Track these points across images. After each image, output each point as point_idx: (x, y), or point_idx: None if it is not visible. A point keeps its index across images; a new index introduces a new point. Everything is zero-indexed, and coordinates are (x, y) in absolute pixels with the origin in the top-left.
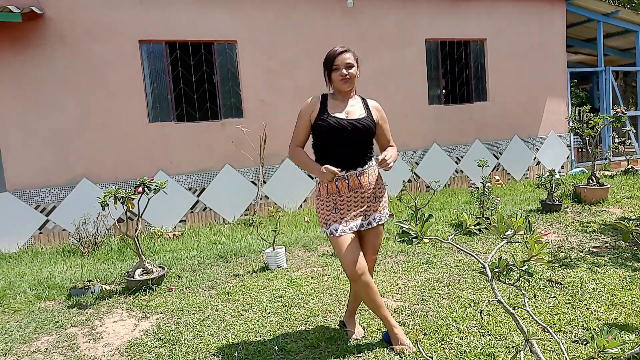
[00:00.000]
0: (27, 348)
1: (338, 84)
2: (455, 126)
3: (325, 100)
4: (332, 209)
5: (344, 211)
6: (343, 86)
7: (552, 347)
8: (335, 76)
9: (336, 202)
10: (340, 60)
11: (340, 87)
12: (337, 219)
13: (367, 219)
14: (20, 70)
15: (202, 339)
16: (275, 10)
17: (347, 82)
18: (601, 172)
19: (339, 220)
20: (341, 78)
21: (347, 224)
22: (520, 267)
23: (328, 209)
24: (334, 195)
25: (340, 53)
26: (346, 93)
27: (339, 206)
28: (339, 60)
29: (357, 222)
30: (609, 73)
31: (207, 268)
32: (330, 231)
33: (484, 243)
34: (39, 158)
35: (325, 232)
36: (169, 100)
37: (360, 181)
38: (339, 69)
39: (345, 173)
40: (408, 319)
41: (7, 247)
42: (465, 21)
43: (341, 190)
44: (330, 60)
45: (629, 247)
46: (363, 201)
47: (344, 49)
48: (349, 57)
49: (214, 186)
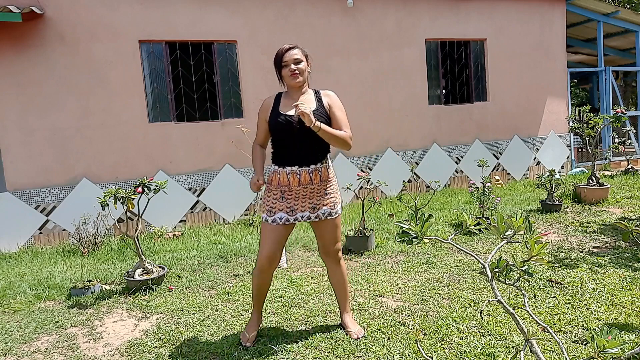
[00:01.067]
0: (27, 348)
1: (288, 79)
2: (455, 126)
3: (279, 99)
4: (279, 197)
5: (291, 201)
6: (293, 81)
7: (552, 347)
8: (285, 72)
9: (284, 192)
10: (289, 57)
11: (291, 82)
12: (284, 207)
13: (315, 212)
14: (20, 70)
15: (202, 339)
16: (275, 10)
17: (296, 77)
18: (601, 172)
19: (285, 210)
20: (290, 73)
21: (293, 214)
22: (520, 267)
23: (275, 197)
24: (284, 187)
25: (287, 50)
26: (298, 89)
27: (286, 196)
28: (287, 57)
29: (304, 214)
30: (609, 73)
31: (207, 268)
32: (274, 219)
33: (484, 243)
34: (39, 158)
35: (263, 217)
36: (169, 100)
37: (312, 178)
38: (287, 65)
39: (298, 168)
40: (408, 319)
41: (7, 247)
42: (465, 21)
43: (292, 183)
44: (278, 57)
45: (629, 247)
46: (312, 196)
47: (291, 46)
48: (296, 52)
49: (214, 186)
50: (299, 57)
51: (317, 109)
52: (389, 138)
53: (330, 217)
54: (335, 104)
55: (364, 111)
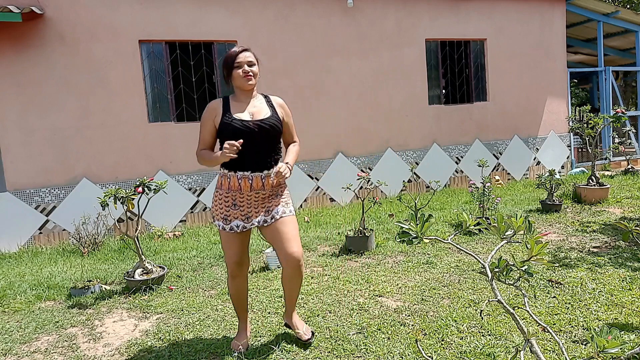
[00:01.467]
0: (27, 348)
1: (241, 81)
2: (455, 126)
3: (228, 102)
4: (231, 205)
5: (244, 208)
6: (246, 84)
7: (552, 347)
8: (236, 73)
9: (235, 198)
10: (242, 58)
11: (244, 84)
12: (239, 215)
13: (269, 214)
14: (20, 70)
15: (202, 339)
16: (275, 10)
17: (249, 79)
18: (601, 172)
19: (240, 217)
20: (244, 75)
21: (248, 221)
22: (520, 267)
23: (227, 205)
24: (235, 192)
25: (241, 51)
26: (248, 92)
27: (238, 203)
28: (241, 58)
29: (259, 219)
30: (609, 73)
31: (207, 268)
32: (231, 227)
33: (484, 243)
34: (39, 158)
35: (219, 225)
36: (169, 100)
37: (264, 184)
38: (240, 66)
39: (251, 173)
40: (408, 319)
41: (7, 247)
42: (465, 21)
43: (243, 188)
44: (231, 58)
45: (629, 247)
46: (264, 200)
47: (244, 48)
48: (250, 55)
49: (213, 186)
50: (252, 60)
51: (272, 115)
52: (389, 138)
53: (285, 215)
54: (287, 113)
55: (364, 111)
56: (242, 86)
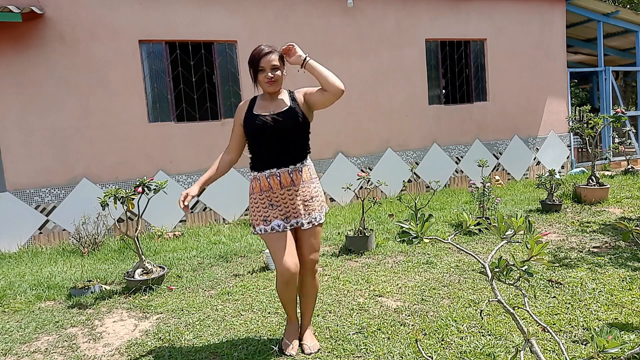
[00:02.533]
0: (27, 348)
1: (264, 85)
2: (455, 126)
3: (254, 101)
4: (268, 205)
5: (282, 207)
6: (269, 88)
7: (552, 347)
8: (261, 78)
9: (271, 198)
10: (266, 62)
11: (266, 89)
12: (278, 215)
13: (307, 218)
14: (20, 70)
15: (202, 339)
16: (275, 10)
17: (272, 84)
18: (601, 172)
19: (280, 217)
20: (267, 80)
21: (288, 221)
22: (520, 267)
23: (264, 206)
24: (268, 192)
25: (266, 54)
26: (274, 93)
27: (274, 202)
28: (265, 62)
29: (298, 220)
30: (609, 73)
31: (207, 268)
32: (272, 227)
33: (484, 243)
34: (39, 158)
35: (262, 230)
36: (169, 100)
37: (293, 179)
38: (264, 70)
39: (277, 170)
40: (408, 319)
41: (7, 247)
42: (465, 21)
43: (273, 187)
44: (255, 61)
45: (629, 247)
46: (299, 199)
47: (269, 50)
48: (274, 58)
49: (214, 186)
50: (276, 64)
51: (290, 107)
52: (389, 138)
53: (321, 221)
54: (307, 90)
55: (364, 111)
56: (265, 90)
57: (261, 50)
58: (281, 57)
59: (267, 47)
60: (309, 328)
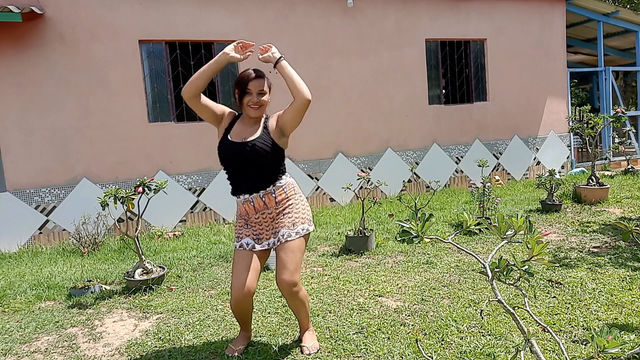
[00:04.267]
0: (27, 348)
1: (248, 109)
2: (455, 126)
3: (234, 122)
4: (243, 224)
5: (255, 228)
6: (253, 113)
7: (552, 347)
8: (246, 100)
9: (247, 220)
10: (254, 87)
11: (250, 113)
12: (250, 234)
13: (277, 236)
14: (20, 70)
15: (202, 339)
16: (275, 10)
17: (256, 110)
18: (601, 172)
19: (251, 236)
20: (251, 104)
21: (259, 242)
22: (520, 267)
23: (240, 225)
24: (246, 216)
25: (254, 78)
26: (255, 119)
27: (250, 223)
28: (252, 86)
29: (270, 241)
30: (609, 73)
31: (207, 268)
32: (241, 244)
33: (484, 243)
34: (39, 158)
35: (234, 245)
36: (169, 100)
37: (266, 202)
38: (251, 94)
39: (249, 196)
40: (408, 319)
41: (7, 247)
42: (465, 21)
43: (249, 212)
44: (243, 83)
45: (629, 247)
46: (272, 220)
47: (259, 74)
48: (262, 83)
49: (214, 186)
50: (263, 89)
51: (260, 136)
52: (389, 138)
53: (290, 238)
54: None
55: (364, 111)
56: (248, 114)
57: (250, 74)
58: (269, 83)
59: (255, 71)
60: (309, 329)
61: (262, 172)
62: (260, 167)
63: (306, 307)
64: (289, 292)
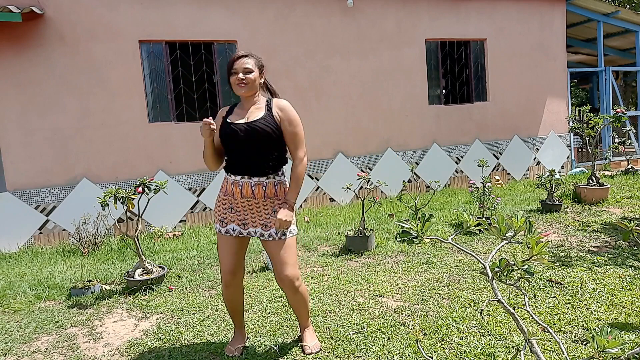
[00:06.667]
0: (27, 348)
1: (235, 87)
2: (455, 126)
3: (232, 109)
4: (228, 208)
5: (240, 213)
6: (239, 90)
7: (552, 347)
8: (232, 79)
9: (232, 202)
10: (239, 65)
11: (237, 91)
12: (235, 219)
13: (267, 230)
14: (20, 70)
15: (202, 339)
16: (275, 10)
17: (242, 87)
18: (601, 172)
19: (237, 222)
20: (237, 82)
21: (245, 227)
22: (520, 267)
23: (224, 207)
24: (230, 196)
25: (239, 57)
26: (249, 98)
27: (234, 207)
28: (237, 65)
29: (256, 230)
30: (609, 73)
31: (207, 268)
32: (227, 230)
33: (484, 243)
34: (39, 158)
35: (217, 228)
36: (169, 100)
37: (254, 192)
38: (236, 72)
39: (241, 179)
40: (408, 319)
41: (7, 247)
42: (465, 21)
43: (235, 194)
44: (230, 64)
45: (629, 247)
46: (261, 212)
47: (244, 54)
48: (248, 61)
49: (214, 186)
50: (249, 67)
51: (263, 117)
52: (389, 138)
53: (283, 237)
54: (288, 117)
55: (364, 111)
56: (236, 92)
57: (235, 55)
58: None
59: (242, 52)
60: (308, 329)
61: (259, 156)
62: (259, 150)
63: (307, 304)
64: (292, 287)
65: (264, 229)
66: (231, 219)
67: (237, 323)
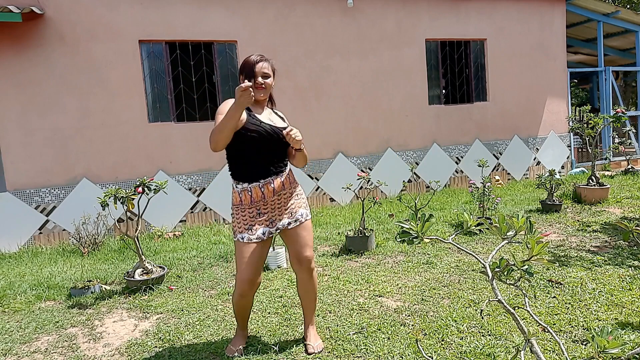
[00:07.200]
0: (27, 348)
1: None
2: (455, 126)
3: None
4: (255, 214)
5: (268, 214)
6: (258, 94)
7: (552, 347)
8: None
9: (259, 207)
10: (259, 69)
11: (255, 95)
12: (264, 222)
13: (293, 216)
14: (20, 70)
15: (202, 339)
16: (275, 10)
17: (261, 90)
18: (601, 172)
19: (265, 224)
20: (257, 86)
21: (273, 225)
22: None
23: (251, 216)
24: (259, 202)
25: (258, 61)
26: (262, 102)
27: (262, 211)
28: (258, 68)
29: (283, 222)
30: (609, 73)
31: (207, 268)
32: (257, 236)
33: (484, 243)
34: (39, 158)
35: (243, 237)
36: (169, 100)
37: (284, 183)
38: (255, 77)
39: (270, 178)
40: (408, 319)
41: (7, 247)
42: (465, 21)
43: (266, 195)
44: (249, 66)
45: (629, 247)
46: (286, 202)
47: (262, 58)
48: (267, 66)
49: (214, 186)
50: (267, 72)
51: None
52: (389, 138)
53: (308, 218)
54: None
55: (364, 111)
56: (255, 96)
57: (254, 58)
58: (273, 67)
59: (259, 55)
60: (312, 327)
61: (283, 154)
62: (283, 151)
63: (317, 293)
64: (310, 269)
65: (290, 217)
66: (260, 223)
67: (241, 325)
